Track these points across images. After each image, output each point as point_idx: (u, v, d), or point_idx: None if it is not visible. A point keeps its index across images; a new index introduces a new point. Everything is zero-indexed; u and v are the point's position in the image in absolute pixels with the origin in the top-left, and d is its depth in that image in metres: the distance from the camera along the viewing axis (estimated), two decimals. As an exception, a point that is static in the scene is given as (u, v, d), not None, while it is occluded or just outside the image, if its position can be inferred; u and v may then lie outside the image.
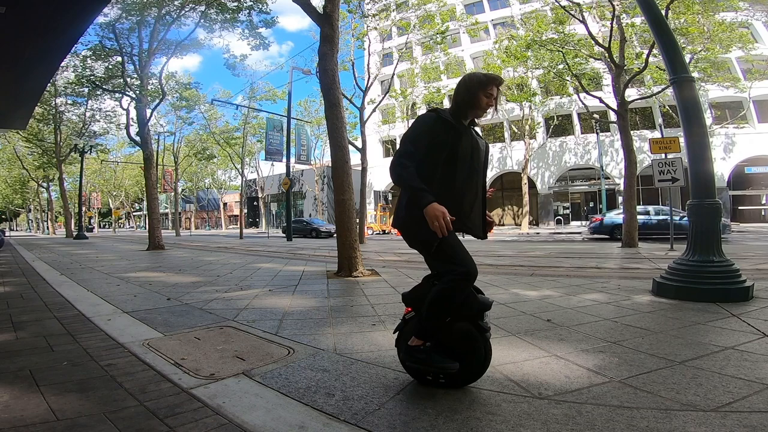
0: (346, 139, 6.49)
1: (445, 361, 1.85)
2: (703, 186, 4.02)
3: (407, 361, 1.97)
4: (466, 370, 1.91)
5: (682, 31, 12.74)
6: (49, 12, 6.13)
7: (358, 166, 16.59)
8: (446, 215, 1.71)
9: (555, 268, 6.28)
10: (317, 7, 6.68)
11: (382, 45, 25.79)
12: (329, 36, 6.27)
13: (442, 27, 17.25)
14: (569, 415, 1.66)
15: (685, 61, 4.53)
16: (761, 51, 22.68)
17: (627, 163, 10.97)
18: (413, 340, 1.92)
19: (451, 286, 1.82)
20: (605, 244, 12.83)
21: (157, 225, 13.23)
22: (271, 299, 4.22)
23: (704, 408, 1.69)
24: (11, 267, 7.94)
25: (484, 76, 1.97)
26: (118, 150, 45.92)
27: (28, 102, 11.10)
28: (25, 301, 4.35)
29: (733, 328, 2.83)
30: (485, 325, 1.94)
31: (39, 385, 2.04)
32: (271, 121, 23.33)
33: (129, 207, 61.17)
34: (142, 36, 13.02)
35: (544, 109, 27.55)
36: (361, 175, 16.72)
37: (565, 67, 13.30)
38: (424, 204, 1.74)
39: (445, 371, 1.88)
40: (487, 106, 1.96)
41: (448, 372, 1.88)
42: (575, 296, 4.05)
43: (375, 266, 6.71)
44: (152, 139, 14.94)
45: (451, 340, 1.92)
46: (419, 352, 1.89)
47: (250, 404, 1.81)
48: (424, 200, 1.74)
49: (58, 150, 24.48)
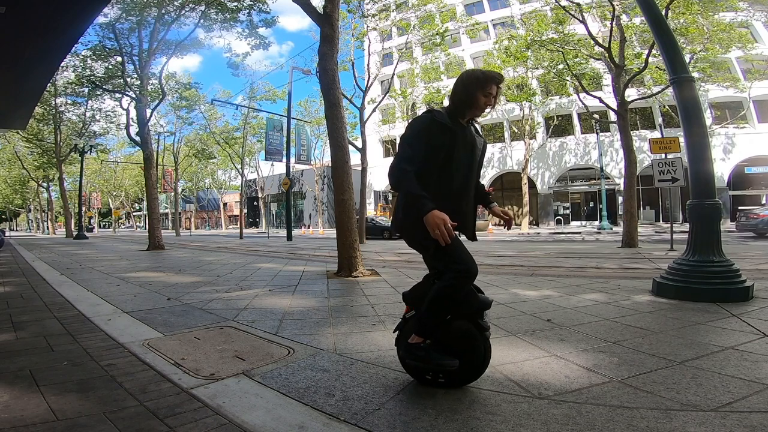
0: (346, 139, 6.49)
1: (444, 359, 1.85)
2: (703, 186, 4.02)
3: (407, 359, 1.96)
4: (465, 369, 1.90)
5: (681, 31, 12.73)
6: (49, 12, 6.13)
7: (358, 166, 16.59)
8: (447, 222, 1.68)
9: (555, 268, 6.28)
10: (317, 7, 6.68)
11: (382, 45, 25.79)
12: (329, 36, 6.27)
13: (442, 28, 17.25)
14: (569, 415, 1.66)
15: (685, 61, 4.53)
16: (761, 51, 22.67)
17: (627, 163, 10.97)
18: (413, 337, 1.91)
19: (451, 284, 1.81)
20: (605, 244, 12.83)
21: (157, 225, 13.23)
22: (271, 299, 4.22)
23: (704, 408, 1.69)
24: (11, 267, 7.94)
25: (482, 74, 1.92)
26: (118, 150, 45.93)
27: (28, 102, 11.11)
28: (25, 301, 4.35)
29: (733, 328, 2.83)
30: (485, 324, 1.93)
31: (39, 385, 2.04)
32: (271, 121, 23.32)
33: (129, 207, 61.15)
34: (142, 36, 13.03)
35: (544, 109, 27.54)
36: (361, 175, 16.72)
37: (565, 67, 13.29)
38: (424, 212, 1.70)
39: (444, 368, 1.87)
40: (485, 105, 1.92)
41: (447, 369, 1.87)
42: (575, 296, 4.05)
43: (375, 266, 6.71)
44: (152, 139, 14.94)
45: (451, 339, 1.91)
46: (418, 350, 1.89)
47: (250, 404, 1.82)
48: (425, 208, 1.70)
49: (58, 150, 24.47)
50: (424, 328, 1.89)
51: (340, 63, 10.85)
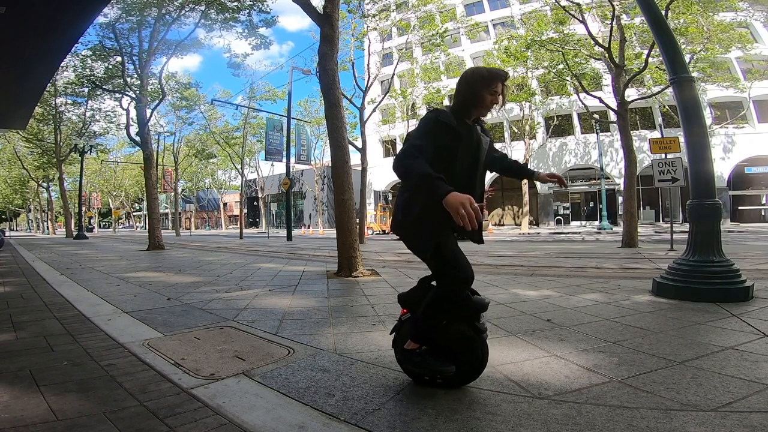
0: (346, 139, 6.48)
1: (441, 365, 1.85)
2: (703, 186, 4.02)
3: (403, 364, 1.98)
4: (463, 371, 1.91)
5: (681, 31, 12.73)
6: (49, 12, 6.13)
7: (358, 166, 16.59)
8: (473, 202, 1.48)
9: (555, 268, 6.28)
10: (317, 7, 6.67)
11: (382, 45, 25.80)
12: (329, 36, 6.27)
13: (442, 28, 17.26)
14: (569, 415, 1.66)
15: (684, 61, 4.53)
16: (761, 51, 22.68)
17: (627, 163, 10.96)
18: (409, 343, 1.90)
19: (449, 290, 1.81)
20: (605, 244, 12.83)
21: (157, 225, 13.22)
22: (271, 299, 4.22)
23: (704, 408, 1.69)
24: (11, 267, 7.94)
25: (487, 71, 1.86)
26: (118, 150, 45.95)
27: (28, 102, 11.11)
28: (25, 301, 4.35)
29: (733, 328, 2.83)
30: (482, 326, 1.93)
31: (39, 385, 2.03)
32: (271, 121, 23.32)
33: (129, 207, 61.16)
34: (142, 36, 13.02)
35: (544, 109, 27.54)
36: (361, 175, 16.72)
37: (565, 67, 13.29)
38: (441, 194, 1.51)
39: (442, 374, 1.88)
40: (491, 104, 1.86)
41: (444, 375, 1.89)
42: (575, 296, 4.05)
43: (375, 266, 6.70)
44: (152, 139, 14.92)
45: (448, 341, 1.92)
46: (415, 356, 1.89)
47: (250, 404, 1.82)
48: (440, 190, 1.52)
49: (58, 150, 24.47)
50: (419, 333, 1.88)
51: (340, 63, 10.85)
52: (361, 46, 18.19)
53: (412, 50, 24.13)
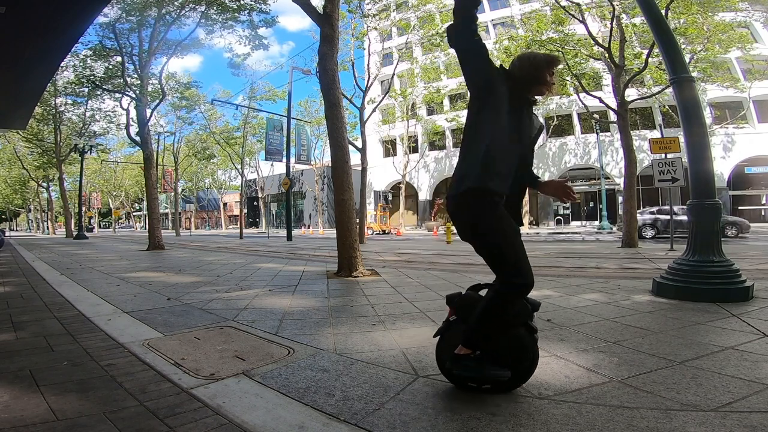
0: (346, 139, 6.49)
1: (498, 370, 1.79)
2: (703, 186, 4.02)
3: (454, 369, 1.86)
4: (515, 375, 1.84)
5: (681, 31, 12.72)
6: (49, 12, 6.13)
7: (358, 166, 16.60)
8: None
9: (555, 268, 6.28)
10: (317, 7, 6.67)
11: (382, 45, 25.83)
12: (329, 36, 6.27)
13: (442, 28, 17.25)
14: (569, 415, 1.66)
15: (684, 61, 4.53)
16: (761, 51, 22.67)
17: (627, 163, 10.97)
18: (460, 348, 1.84)
19: (506, 299, 1.76)
20: (605, 244, 12.83)
21: (157, 225, 13.22)
22: (271, 299, 4.22)
23: (704, 408, 1.69)
24: (11, 267, 7.94)
25: (546, 55, 1.95)
26: (118, 150, 45.92)
27: (28, 102, 11.11)
28: (25, 301, 4.35)
29: (733, 328, 2.83)
30: (534, 326, 1.89)
31: (39, 385, 2.03)
32: (271, 121, 23.33)
33: (129, 207, 61.15)
34: (142, 36, 13.02)
35: (544, 109, 27.54)
36: (361, 175, 16.73)
37: (564, 67, 13.29)
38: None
39: (498, 380, 1.82)
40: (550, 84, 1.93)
41: (500, 380, 1.83)
42: (575, 296, 4.05)
43: (375, 266, 6.71)
44: (152, 139, 14.93)
45: (501, 347, 1.85)
46: (469, 361, 1.82)
47: (250, 404, 1.81)
48: None
49: (58, 150, 24.47)
50: (473, 340, 1.82)
51: (340, 63, 10.85)
52: (361, 46, 18.21)
53: (412, 50, 24.15)
